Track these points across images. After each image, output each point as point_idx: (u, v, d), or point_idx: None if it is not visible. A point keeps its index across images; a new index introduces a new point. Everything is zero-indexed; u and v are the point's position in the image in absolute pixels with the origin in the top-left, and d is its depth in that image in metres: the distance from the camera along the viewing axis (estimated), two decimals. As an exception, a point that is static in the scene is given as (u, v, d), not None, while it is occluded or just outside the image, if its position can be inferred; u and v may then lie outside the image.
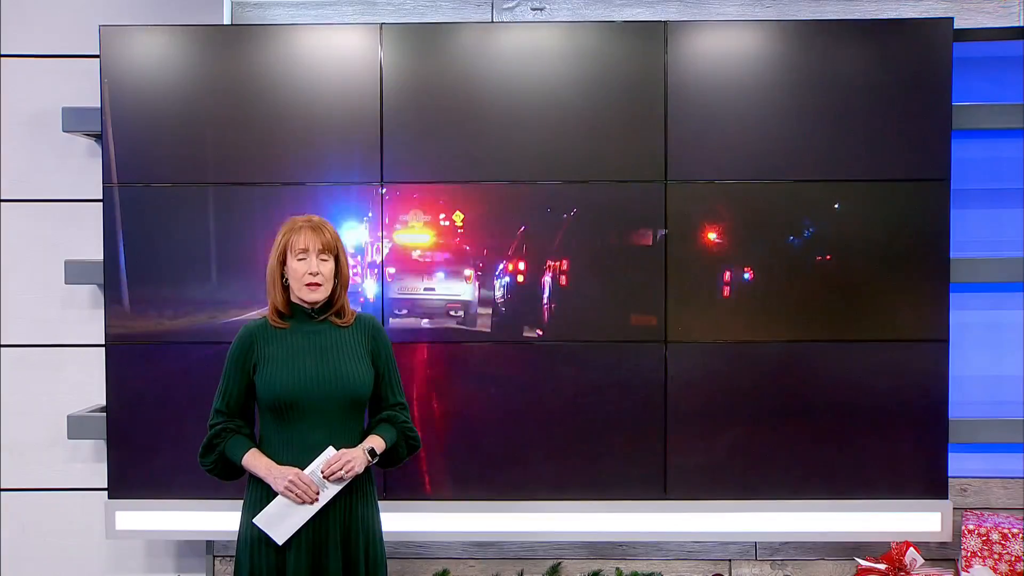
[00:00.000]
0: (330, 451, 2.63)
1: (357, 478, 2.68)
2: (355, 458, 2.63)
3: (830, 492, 3.45)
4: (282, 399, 2.64)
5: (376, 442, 2.71)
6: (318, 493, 2.61)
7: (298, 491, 2.59)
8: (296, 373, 2.65)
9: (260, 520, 2.64)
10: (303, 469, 2.63)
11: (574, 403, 3.46)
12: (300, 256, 2.66)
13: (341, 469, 2.60)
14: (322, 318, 2.72)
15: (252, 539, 2.66)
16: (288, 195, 3.44)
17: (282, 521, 2.62)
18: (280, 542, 2.62)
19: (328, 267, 2.69)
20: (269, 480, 2.62)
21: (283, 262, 2.69)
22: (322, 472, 2.61)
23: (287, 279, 2.69)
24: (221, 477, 2.76)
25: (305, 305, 2.71)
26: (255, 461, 2.66)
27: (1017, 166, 3.72)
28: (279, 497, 2.62)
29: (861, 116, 3.42)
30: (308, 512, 2.62)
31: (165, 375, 3.45)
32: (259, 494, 2.66)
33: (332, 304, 2.73)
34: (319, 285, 2.67)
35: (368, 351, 2.75)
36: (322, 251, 2.67)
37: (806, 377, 3.45)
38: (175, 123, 3.44)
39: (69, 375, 3.78)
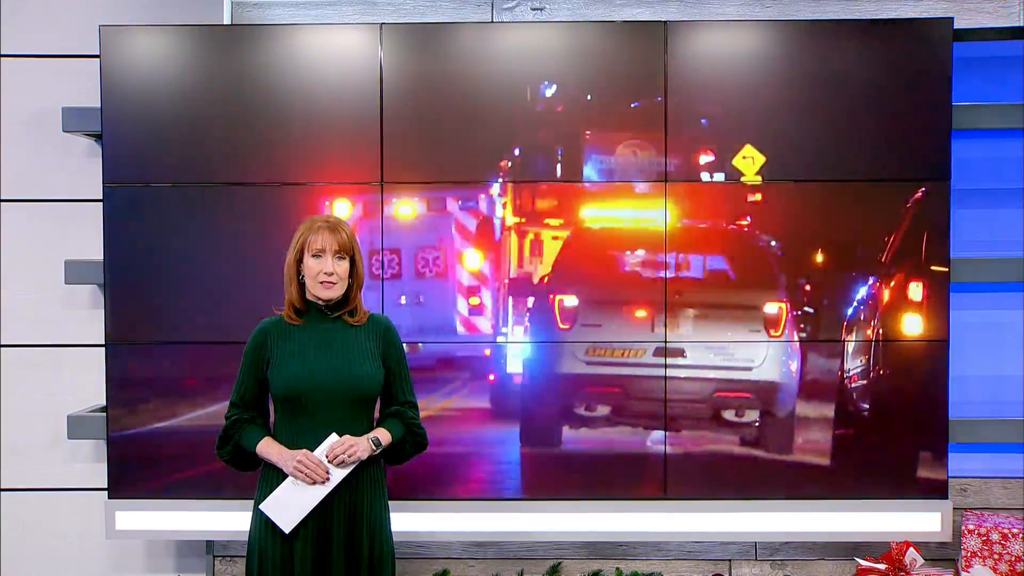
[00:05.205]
0: (333, 436, 2.71)
1: (366, 473, 2.75)
2: (358, 443, 2.71)
3: (830, 492, 3.45)
4: (291, 392, 2.72)
5: (381, 433, 2.78)
6: (328, 472, 2.67)
7: (307, 471, 2.66)
8: (305, 367, 2.72)
9: (267, 506, 2.70)
10: None
11: (574, 403, 3.46)
12: (316, 255, 2.74)
13: (344, 453, 2.68)
14: (335, 316, 2.79)
15: (262, 529, 2.73)
16: (288, 195, 3.44)
17: (289, 507, 2.69)
18: (287, 530, 2.68)
19: (343, 267, 2.76)
20: (280, 463, 2.70)
21: (300, 259, 2.76)
22: (326, 457, 2.68)
23: (303, 276, 2.76)
24: (238, 468, 2.85)
25: (320, 302, 2.77)
26: (268, 448, 2.74)
27: (1017, 166, 3.72)
28: (285, 482, 2.70)
29: (861, 116, 3.42)
30: (314, 497, 2.68)
31: (165, 375, 3.45)
32: (270, 486, 2.73)
33: (346, 303, 2.79)
34: (333, 284, 2.74)
35: (379, 350, 2.81)
36: (338, 251, 2.75)
37: (806, 377, 3.45)
38: (175, 123, 3.44)
39: (69, 375, 3.78)
